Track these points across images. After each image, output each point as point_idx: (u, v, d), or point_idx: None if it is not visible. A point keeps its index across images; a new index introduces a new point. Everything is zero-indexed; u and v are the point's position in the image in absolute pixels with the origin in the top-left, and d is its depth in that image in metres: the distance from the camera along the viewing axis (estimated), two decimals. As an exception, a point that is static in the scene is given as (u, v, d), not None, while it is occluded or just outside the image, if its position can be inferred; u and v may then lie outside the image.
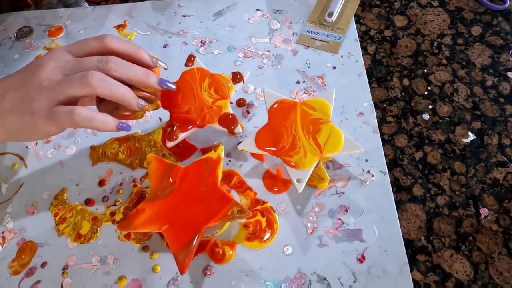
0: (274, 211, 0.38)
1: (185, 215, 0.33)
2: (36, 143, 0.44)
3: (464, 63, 0.46)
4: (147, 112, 0.45)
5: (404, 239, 0.36)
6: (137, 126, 0.44)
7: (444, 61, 0.46)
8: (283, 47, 0.48)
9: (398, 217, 0.37)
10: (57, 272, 0.37)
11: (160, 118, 0.45)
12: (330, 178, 0.39)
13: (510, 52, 0.47)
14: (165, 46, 0.50)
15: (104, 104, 0.32)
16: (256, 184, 0.40)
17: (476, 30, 0.48)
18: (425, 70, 0.46)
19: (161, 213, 0.33)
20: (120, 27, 0.52)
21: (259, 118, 0.44)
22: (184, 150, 0.42)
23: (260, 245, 0.37)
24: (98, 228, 0.39)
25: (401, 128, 0.43)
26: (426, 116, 0.43)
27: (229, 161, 0.41)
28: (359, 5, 0.51)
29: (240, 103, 0.45)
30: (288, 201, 0.39)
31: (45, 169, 0.42)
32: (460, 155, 0.41)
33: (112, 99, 0.30)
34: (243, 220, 0.38)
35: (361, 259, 0.36)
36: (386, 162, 0.40)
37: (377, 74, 0.46)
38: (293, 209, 0.38)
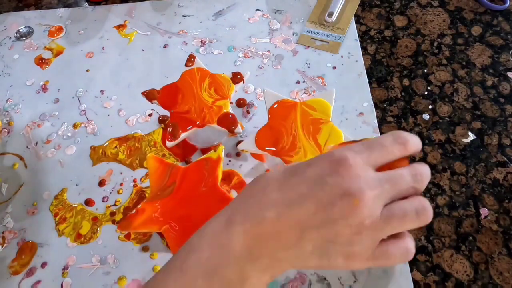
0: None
1: (185, 215, 0.33)
2: (36, 143, 0.44)
3: (464, 63, 0.46)
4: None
5: (404, 239, 0.36)
6: (137, 126, 0.44)
7: (444, 61, 0.46)
8: (283, 47, 0.48)
9: (398, 217, 0.37)
10: (57, 272, 0.37)
11: (159, 118, 0.45)
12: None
13: (510, 52, 0.47)
14: (165, 46, 0.50)
15: None
16: (256, 184, 0.40)
17: (476, 30, 0.48)
18: (425, 70, 0.46)
19: (161, 213, 0.33)
20: (120, 27, 0.52)
21: (259, 118, 0.44)
22: (184, 150, 0.42)
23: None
24: (98, 228, 0.39)
25: (401, 128, 0.43)
26: (426, 116, 0.43)
27: (229, 161, 0.41)
28: (359, 5, 0.51)
29: (240, 103, 0.45)
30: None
31: (45, 169, 0.42)
32: (460, 155, 0.41)
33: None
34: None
35: (361, 259, 0.36)
36: (386, 162, 0.40)
37: (377, 74, 0.46)
38: (293, 209, 0.38)
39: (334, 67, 0.46)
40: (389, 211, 0.23)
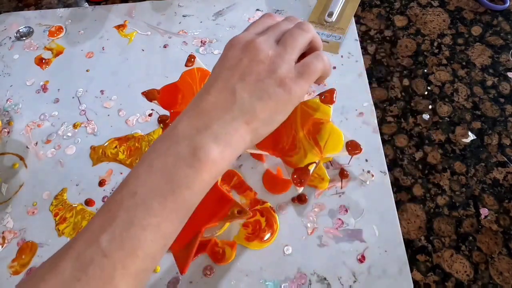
0: (274, 211, 0.38)
1: (185, 215, 0.33)
2: (36, 143, 0.44)
3: (464, 63, 0.46)
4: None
5: (404, 239, 0.36)
6: (137, 126, 0.44)
7: (444, 61, 0.46)
8: (283, 47, 0.48)
9: (398, 217, 0.37)
10: (57, 272, 0.37)
11: (159, 118, 0.45)
12: (330, 178, 0.39)
13: (510, 52, 0.47)
14: (165, 46, 0.50)
15: None
16: (256, 184, 0.40)
17: (476, 30, 0.48)
18: (425, 70, 0.46)
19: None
20: (120, 27, 0.52)
21: (259, 118, 0.43)
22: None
23: (260, 245, 0.37)
24: (98, 228, 0.39)
25: (401, 128, 0.43)
26: (426, 116, 0.43)
27: (229, 161, 0.41)
28: (359, 5, 0.51)
29: (240, 103, 0.44)
30: (288, 201, 0.39)
31: (45, 169, 0.42)
32: (460, 155, 0.41)
33: (320, 47, 0.31)
34: (243, 220, 0.38)
35: (361, 259, 0.36)
36: (386, 162, 0.40)
37: (377, 74, 0.46)
38: (293, 209, 0.38)
39: (334, 67, 0.46)
40: (281, 39, 0.29)
